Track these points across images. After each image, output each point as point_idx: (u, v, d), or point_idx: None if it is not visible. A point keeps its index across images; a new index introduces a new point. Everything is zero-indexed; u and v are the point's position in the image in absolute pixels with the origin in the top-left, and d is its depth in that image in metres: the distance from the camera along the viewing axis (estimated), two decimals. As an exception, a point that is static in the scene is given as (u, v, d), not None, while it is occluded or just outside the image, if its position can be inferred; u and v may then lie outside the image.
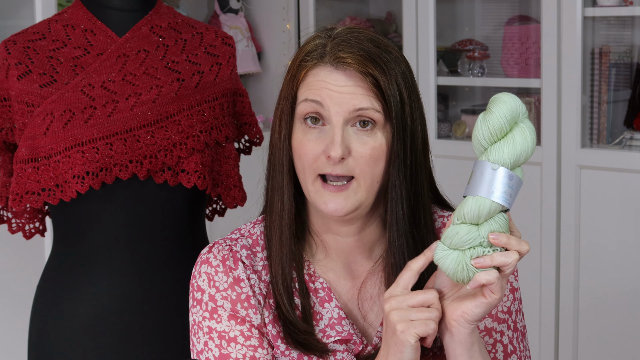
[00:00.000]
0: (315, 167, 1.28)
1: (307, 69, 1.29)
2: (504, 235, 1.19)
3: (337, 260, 1.37)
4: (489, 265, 1.18)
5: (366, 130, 1.28)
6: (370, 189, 1.29)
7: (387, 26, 3.87)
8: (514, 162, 1.19)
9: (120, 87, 1.73)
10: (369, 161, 1.27)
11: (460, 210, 1.20)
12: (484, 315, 1.20)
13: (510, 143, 1.19)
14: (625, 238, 2.94)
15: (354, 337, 1.33)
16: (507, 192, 1.18)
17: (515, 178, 1.19)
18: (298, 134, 1.29)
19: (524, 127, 1.20)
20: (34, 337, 1.82)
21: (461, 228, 1.20)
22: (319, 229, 1.36)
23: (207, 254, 1.36)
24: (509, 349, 1.38)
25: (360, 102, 1.26)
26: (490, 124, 1.20)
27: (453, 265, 1.19)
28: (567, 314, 3.07)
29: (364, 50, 1.27)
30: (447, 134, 3.49)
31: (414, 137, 1.30)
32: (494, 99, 1.21)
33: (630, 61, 3.14)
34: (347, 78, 1.27)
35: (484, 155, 1.20)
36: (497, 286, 1.18)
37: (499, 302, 1.19)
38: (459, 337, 1.22)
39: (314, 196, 1.29)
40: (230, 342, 1.31)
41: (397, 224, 1.31)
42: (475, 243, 1.19)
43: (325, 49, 1.29)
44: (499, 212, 1.20)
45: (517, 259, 1.18)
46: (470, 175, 1.21)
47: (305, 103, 1.28)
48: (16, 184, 1.72)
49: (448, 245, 1.20)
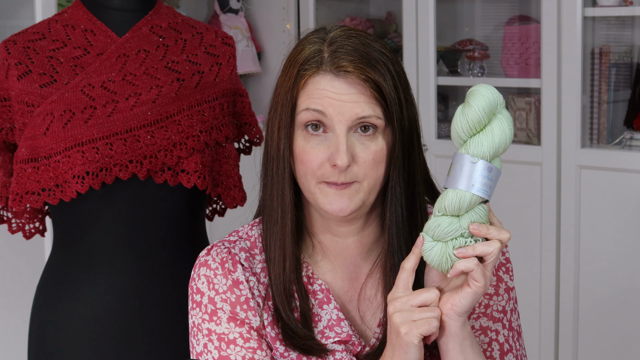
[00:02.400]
0: (319, 175, 1.28)
1: (307, 77, 1.28)
2: (484, 225, 1.21)
3: (334, 261, 1.37)
4: (472, 255, 1.20)
5: (368, 135, 1.28)
6: (373, 190, 1.30)
7: (387, 26, 3.87)
8: (492, 154, 1.21)
9: (120, 87, 1.73)
10: (372, 165, 1.28)
11: (441, 203, 1.22)
12: (472, 306, 1.22)
13: (489, 135, 1.21)
14: (625, 238, 2.93)
15: (352, 338, 1.33)
16: (486, 184, 1.21)
17: (494, 169, 1.21)
18: (300, 141, 1.29)
19: (502, 118, 1.22)
20: (34, 337, 1.82)
21: (443, 220, 1.22)
22: (317, 230, 1.36)
23: (205, 257, 1.36)
24: (505, 348, 1.38)
25: (362, 110, 1.26)
26: (469, 117, 1.22)
27: (437, 256, 1.22)
28: (567, 313, 3.07)
29: (362, 56, 1.27)
30: (447, 134, 3.49)
31: (411, 137, 1.31)
32: (472, 91, 1.23)
33: (630, 61, 3.14)
34: (349, 86, 1.26)
35: (463, 148, 1.23)
36: (477, 273, 1.20)
37: (485, 290, 1.21)
38: (450, 331, 1.24)
39: (317, 197, 1.29)
40: (230, 344, 1.32)
41: (397, 225, 1.32)
42: (457, 234, 1.22)
43: (322, 56, 1.28)
44: (479, 203, 1.22)
45: (499, 248, 1.20)
46: (450, 167, 1.23)
47: (307, 112, 1.27)
48: (16, 184, 1.72)
49: (431, 237, 1.23)
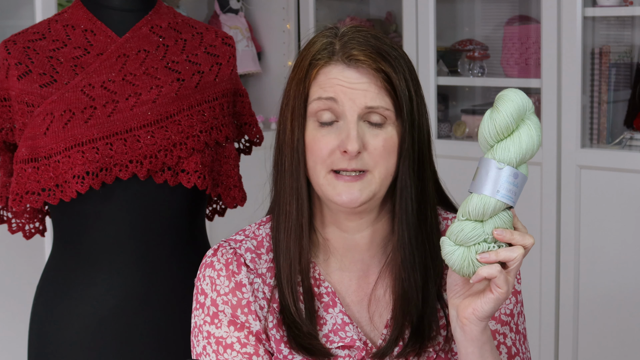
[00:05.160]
0: (329, 163, 1.28)
1: (319, 68, 1.29)
2: (507, 231, 1.20)
3: (343, 259, 1.36)
4: (494, 260, 1.19)
5: (378, 125, 1.28)
6: (384, 181, 1.29)
7: (387, 26, 3.87)
8: (519, 160, 1.19)
9: (120, 87, 1.73)
10: (383, 153, 1.28)
11: (465, 207, 1.21)
12: (493, 312, 1.21)
13: (516, 141, 1.19)
14: (625, 238, 2.93)
15: (357, 343, 1.32)
16: (511, 190, 1.19)
17: (520, 176, 1.19)
18: (311, 131, 1.29)
19: (530, 124, 1.20)
20: (33, 337, 1.82)
21: (466, 225, 1.20)
22: (326, 226, 1.36)
23: (211, 257, 1.36)
24: (513, 351, 1.38)
25: (372, 100, 1.27)
26: (497, 122, 1.19)
27: (459, 261, 1.21)
28: (567, 313, 3.07)
29: (374, 48, 1.28)
30: (447, 134, 3.49)
31: (421, 132, 1.31)
32: (501, 95, 1.21)
33: (630, 61, 3.14)
34: (360, 75, 1.27)
35: (490, 153, 1.20)
36: (500, 280, 1.19)
37: (507, 297, 1.20)
38: (471, 335, 1.23)
39: (326, 189, 1.29)
40: (227, 349, 1.32)
41: (407, 218, 1.31)
42: (480, 239, 1.20)
43: (334, 47, 1.29)
44: (504, 209, 1.21)
45: (522, 254, 1.19)
46: (476, 172, 1.21)
47: (319, 101, 1.28)
48: (16, 184, 1.72)
49: (454, 241, 1.21)
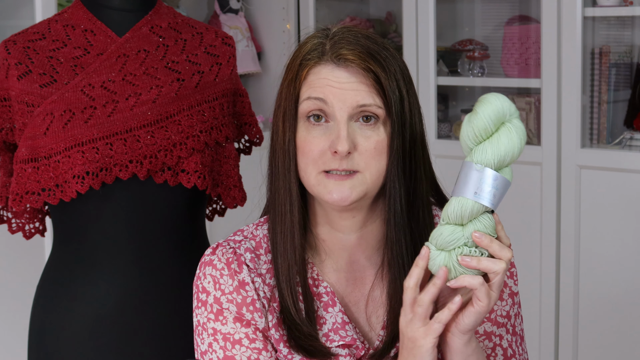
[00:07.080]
0: (320, 164, 1.28)
1: (309, 68, 1.29)
2: (487, 236, 1.19)
3: (338, 260, 1.36)
4: (475, 266, 1.18)
5: (369, 124, 1.28)
6: (376, 181, 1.29)
7: (387, 26, 3.87)
8: (498, 162, 1.19)
9: (120, 87, 1.73)
10: (374, 154, 1.28)
11: (445, 211, 1.21)
12: (475, 325, 1.21)
13: (494, 143, 1.19)
14: (625, 238, 2.93)
15: (356, 342, 1.33)
16: (490, 192, 1.19)
17: (500, 179, 1.19)
18: (302, 132, 1.29)
19: (511, 127, 1.20)
20: (34, 337, 1.82)
21: (445, 228, 1.21)
22: (321, 227, 1.36)
23: (210, 256, 1.36)
24: (509, 353, 1.38)
25: (363, 98, 1.27)
26: (475, 124, 1.20)
27: (440, 266, 1.20)
28: (567, 314, 3.07)
29: (363, 47, 1.28)
30: (447, 134, 3.49)
31: (413, 132, 1.31)
32: (480, 99, 1.22)
33: (630, 61, 3.14)
34: (349, 74, 1.27)
35: (470, 155, 1.21)
36: (482, 292, 1.18)
37: (488, 310, 1.19)
38: (454, 347, 1.24)
39: (317, 189, 1.29)
40: (235, 344, 1.31)
41: (395, 218, 1.31)
42: (459, 243, 1.20)
43: (324, 48, 1.29)
44: (484, 212, 1.20)
45: (504, 269, 1.18)
46: (457, 176, 1.21)
47: (309, 101, 1.28)
48: (16, 184, 1.72)
49: (435, 246, 1.21)
